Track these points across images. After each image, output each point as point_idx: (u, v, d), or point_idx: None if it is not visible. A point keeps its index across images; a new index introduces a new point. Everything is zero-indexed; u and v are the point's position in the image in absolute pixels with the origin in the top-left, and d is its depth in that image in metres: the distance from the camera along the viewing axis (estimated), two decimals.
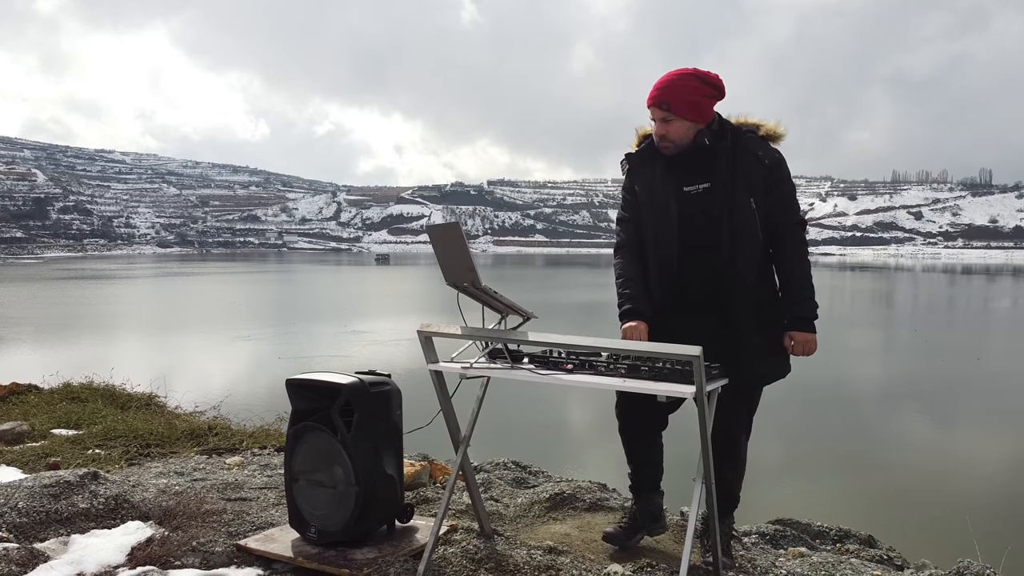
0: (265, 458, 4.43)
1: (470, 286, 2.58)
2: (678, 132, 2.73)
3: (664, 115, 2.72)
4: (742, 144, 2.75)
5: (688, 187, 2.75)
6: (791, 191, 2.84)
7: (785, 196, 2.80)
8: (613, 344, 2.42)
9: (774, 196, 2.76)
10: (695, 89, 2.71)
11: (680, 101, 2.70)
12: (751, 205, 2.71)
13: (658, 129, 2.76)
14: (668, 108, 2.70)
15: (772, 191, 2.76)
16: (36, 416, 5.45)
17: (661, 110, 2.72)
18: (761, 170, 2.73)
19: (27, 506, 3.08)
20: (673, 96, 2.70)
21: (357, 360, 17.32)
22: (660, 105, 2.71)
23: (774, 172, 2.76)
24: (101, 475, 3.45)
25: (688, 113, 2.71)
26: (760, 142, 2.79)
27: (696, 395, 2.27)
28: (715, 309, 2.74)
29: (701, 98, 2.72)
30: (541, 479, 4.31)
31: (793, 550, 3.42)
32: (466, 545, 2.93)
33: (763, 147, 2.77)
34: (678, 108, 2.70)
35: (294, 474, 2.97)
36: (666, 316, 2.82)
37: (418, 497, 3.69)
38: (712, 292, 2.74)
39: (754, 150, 2.75)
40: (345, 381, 2.86)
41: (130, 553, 2.85)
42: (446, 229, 2.53)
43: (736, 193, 2.70)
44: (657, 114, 2.74)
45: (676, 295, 2.80)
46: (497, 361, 2.70)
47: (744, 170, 2.72)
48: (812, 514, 4.35)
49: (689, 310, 2.78)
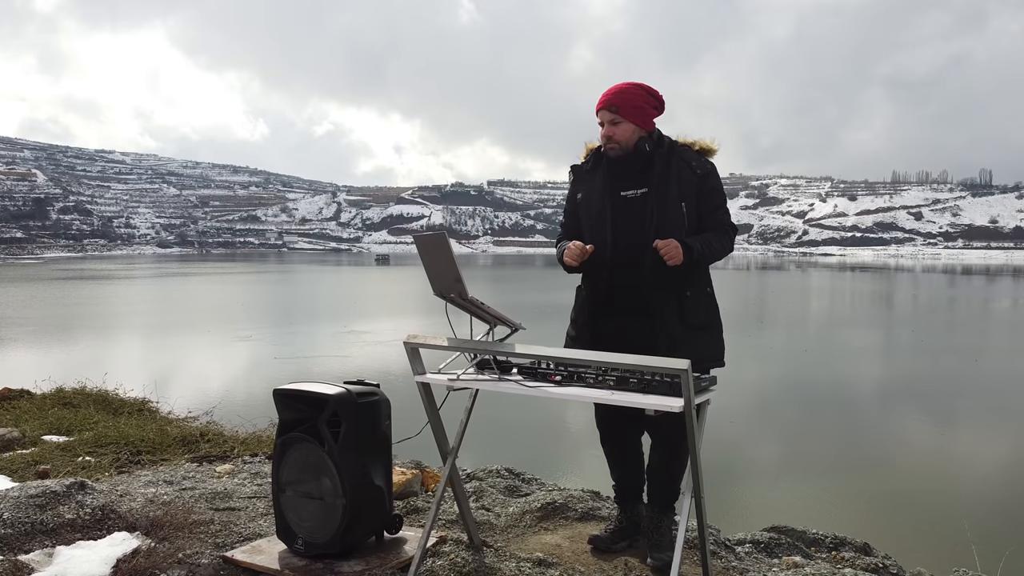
0: (256, 466, 4.40)
1: (457, 297, 2.55)
2: (624, 134, 2.92)
3: (613, 116, 2.92)
4: (678, 154, 2.95)
5: (625, 191, 2.94)
6: (723, 200, 3.03)
7: (717, 204, 2.98)
8: (601, 358, 2.39)
9: (708, 204, 2.95)
10: (641, 97, 2.95)
11: (628, 105, 2.92)
12: (681, 209, 2.88)
13: (606, 131, 2.95)
14: (617, 110, 2.91)
15: (705, 199, 2.94)
16: (27, 422, 5.42)
17: (610, 112, 2.92)
18: (694, 179, 2.92)
19: (12, 517, 3.04)
20: (622, 100, 2.92)
21: (355, 362, 17.30)
22: (610, 108, 2.92)
23: (706, 181, 2.94)
24: (88, 484, 3.42)
25: (634, 116, 2.92)
26: (694, 154, 2.98)
27: (685, 408, 2.24)
28: (642, 309, 2.88)
29: (646, 106, 2.96)
30: (534, 487, 4.28)
31: (788, 559, 3.39)
32: (454, 557, 2.90)
33: (696, 158, 2.97)
34: (626, 111, 2.91)
35: (281, 485, 2.94)
36: (595, 317, 2.98)
37: (409, 506, 3.65)
38: (637, 292, 2.88)
39: (688, 160, 2.94)
40: (332, 392, 2.84)
41: (115, 565, 2.82)
42: (432, 239, 2.51)
43: (668, 196, 2.88)
44: (606, 116, 2.93)
45: (607, 294, 2.94)
46: (485, 372, 2.67)
47: (677, 177, 2.90)
48: (807, 520, 4.32)
49: (619, 311, 2.93)
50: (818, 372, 17.12)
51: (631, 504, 3.20)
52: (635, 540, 3.18)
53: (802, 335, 24.48)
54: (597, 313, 2.99)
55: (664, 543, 3.01)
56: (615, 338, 2.86)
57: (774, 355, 19.30)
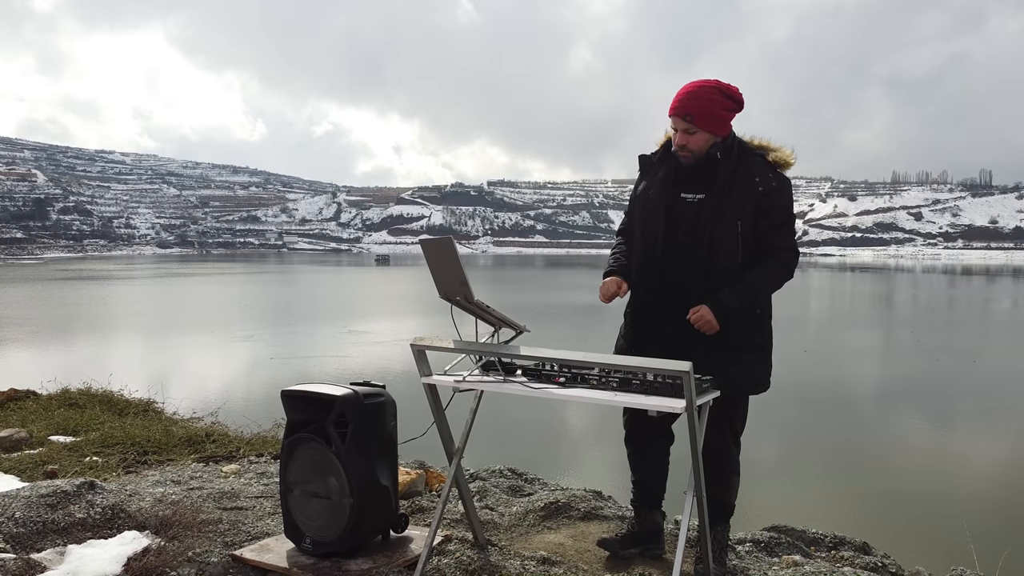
0: (262, 466, 4.45)
1: (463, 300, 2.60)
2: (698, 143, 2.78)
3: (687, 126, 2.76)
4: (746, 166, 2.79)
5: (686, 194, 2.81)
6: (787, 219, 2.86)
7: (778, 223, 2.82)
8: (604, 359, 2.44)
9: (768, 223, 2.79)
10: (718, 103, 2.77)
11: (703, 113, 2.75)
12: (736, 227, 2.74)
13: (679, 139, 2.80)
14: (692, 120, 2.75)
15: (766, 216, 2.78)
16: (34, 423, 5.46)
17: (685, 121, 2.76)
18: (755, 196, 2.76)
19: (24, 516, 3.09)
20: (697, 108, 2.75)
21: (353, 362, 17.34)
22: (684, 116, 2.76)
23: (769, 199, 2.77)
24: (98, 484, 3.46)
25: (710, 126, 2.77)
26: (764, 167, 2.81)
27: (686, 409, 2.28)
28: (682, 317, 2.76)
29: (723, 112, 2.79)
30: (537, 487, 4.32)
31: (787, 558, 3.43)
32: (460, 556, 2.95)
33: (763, 173, 2.79)
34: (701, 120, 2.75)
35: (289, 484, 2.99)
36: (642, 319, 2.90)
37: (413, 506, 3.70)
38: (684, 300, 2.76)
39: (755, 174, 2.78)
40: (339, 393, 2.88)
41: (126, 564, 2.87)
42: (439, 244, 2.56)
43: (724, 211, 2.74)
44: (680, 124, 2.78)
45: (654, 296, 2.86)
46: (490, 374, 2.71)
47: (739, 191, 2.75)
48: (807, 519, 4.36)
49: (664, 314, 2.83)
50: (818, 372, 17.15)
51: (647, 510, 3.11)
52: (648, 548, 3.11)
53: (802, 335, 24.49)
54: (641, 315, 2.91)
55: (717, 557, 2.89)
56: (657, 342, 2.78)
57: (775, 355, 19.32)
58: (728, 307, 2.71)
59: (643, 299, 2.89)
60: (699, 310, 2.70)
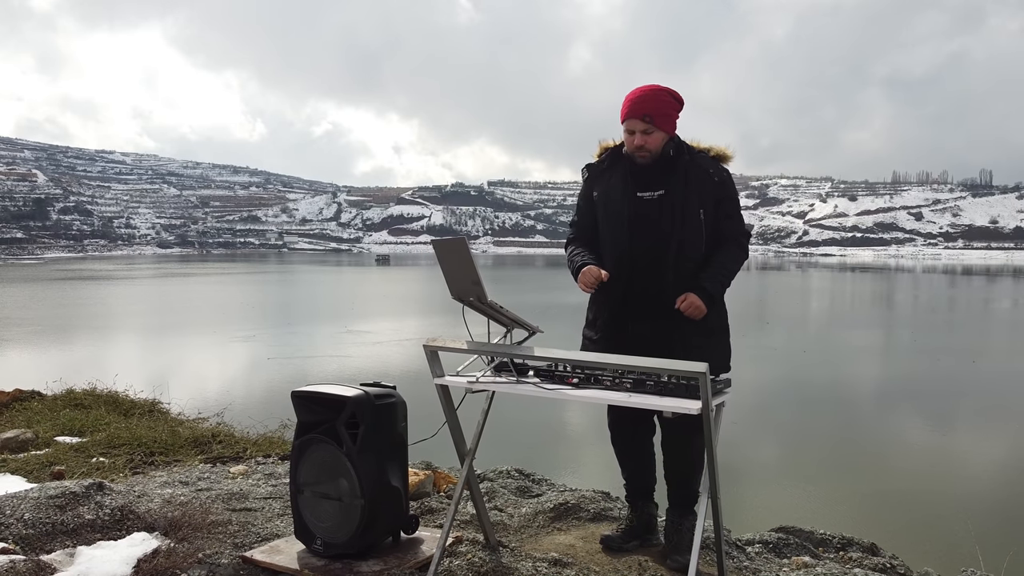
0: (269, 467, 4.44)
1: (476, 300, 2.59)
2: (656, 142, 2.91)
3: (646, 126, 2.89)
4: (696, 160, 2.96)
5: (642, 193, 2.94)
6: (738, 206, 3.07)
7: (734, 211, 3.03)
8: (619, 360, 2.43)
9: (723, 210, 2.98)
10: (670, 103, 2.94)
11: (660, 114, 2.91)
12: (700, 216, 2.91)
13: (638, 140, 2.91)
14: (651, 120, 2.89)
15: (721, 205, 2.97)
16: (40, 423, 5.45)
17: (644, 122, 2.89)
18: (711, 185, 2.94)
19: (33, 517, 3.08)
20: (655, 108, 2.89)
21: (353, 362, 17.33)
22: (643, 117, 2.89)
23: (723, 188, 2.97)
24: (106, 485, 3.46)
25: (665, 125, 2.92)
26: (710, 160, 3.00)
27: (702, 411, 2.27)
28: (659, 311, 2.90)
29: (674, 112, 2.96)
30: (544, 487, 4.31)
31: (797, 559, 3.42)
32: (471, 557, 2.94)
33: (714, 165, 2.99)
34: (659, 120, 2.90)
35: (299, 486, 2.98)
36: (614, 320, 2.99)
37: (422, 507, 3.69)
38: (657, 294, 2.89)
39: (707, 167, 2.96)
40: (350, 394, 2.87)
41: (136, 565, 2.86)
42: (452, 244, 2.55)
43: (688, 202, 2.90)
44: (638, 125, 2.90)
45: (624, 296, 2.95)
46: (502, 375, 2.70)
47: (697, 183, 2.92)
48: (814, 520, 4.35)
49: (636, 314, 2.94)
50: (820, 373, 17.15)
51: (641, 503, 3.22)
52: (646, 539, 3.20)
53: (802, 336, 24.50)
54: (614, 315, 2.99)
55: (684, 546, 2.99)
56: (631, 341, 2.89)
57: (776, 356, 19.33)
58: (712, 292, 2.88)
59: (615, 299, 2.97)
60: (687, 297, 2.85)
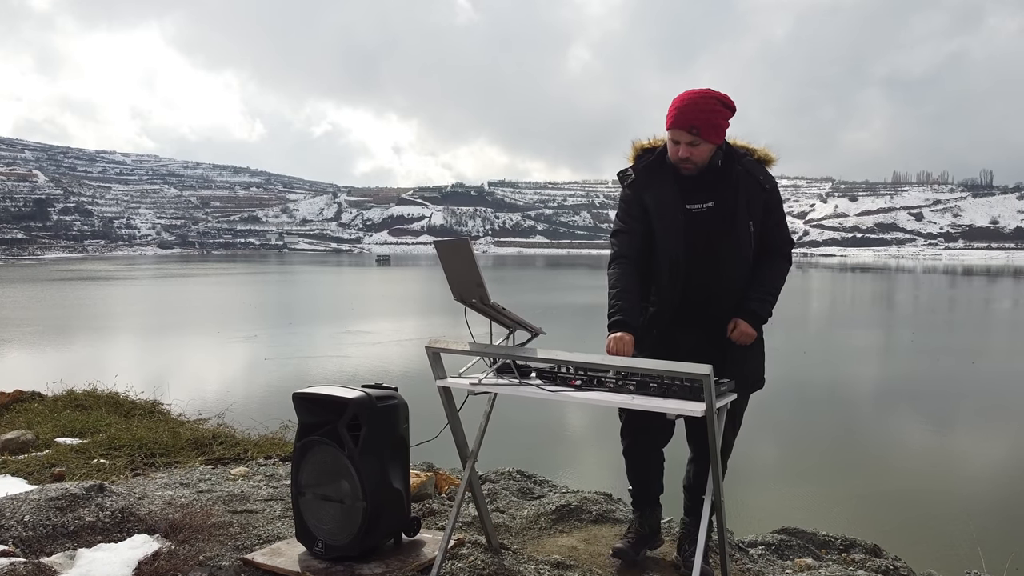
0: (270, 468, 4.43)
1: (478, 302, 2.58)
2: (702, 155, 2.76)
3: (692, 139, 2.72)
4: (744, 167, 2.82)
5: (691, 205, 2.81)
6: (783, 215, 2.98)
7: (781, 219, 2.94)
8: (622, 362, 2.42)
9: (772, 219, 2.88)
10: (719, 113, 2.75)
11: (708, 125, 2.72)
12: (749, 228, 2.80)
13: (683, 151, 2.75)
14: (698, 132, 2.71)
15: (770, 215, 2.87)
16: (40, 425, 5.44)
17: (690, 133, 2.72)
18: (762, 194, 2.82)
19: (34, 519, 3.07)
20: (701, 120, 2.71)
21: (353, 363, 17.32)
22: (689, 129, 2.71)
23: (773, 196, 2.86)
24: (107, 487, 3.44)
25: (714, 136, 2.75)
26: (759, 166, 2.87)
27: (706, 413, 2.26)
28: (706, 320, 2.85)
29: (723, 121, 2.77)
30: (546, 489, 4.31)
31: (800, 561, 3.41)
32: (473, 560, 2.93)
33: (763, 172, 2.86)
34: (706, 132, 2.72)
35: (301, 488, 2.96)
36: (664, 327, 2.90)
37: (424, 509, 3.68)
38: (705, 304, 2.84)
39: (756, 174, 2.82)
40: (352, 396, 2.86)
41: (137, 568, 2.85)
42: (455, 245, 2.54)
43: (738, 215, 2.78)
44: (684, 137, 2.73)
45: (675, 306, 2.86)
46: (505, 376, 2.69)
47: (747, 193, 2.79)
48: (816, 522, 4.34)
49: (683, 321, 2.87)
50: (821, 373, 17.14)
51: (650, 510, 3.14)
52: (654, 545, 3.16)
53: (802, 336, 24.47)
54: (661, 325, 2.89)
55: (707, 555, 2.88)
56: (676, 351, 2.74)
57: (777, 356, 19.29)
58: (762, 315, 2.84)
59: (666, 312, 2.87)
60: (737, 325, 2.81)
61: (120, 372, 8.11)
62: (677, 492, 3.24)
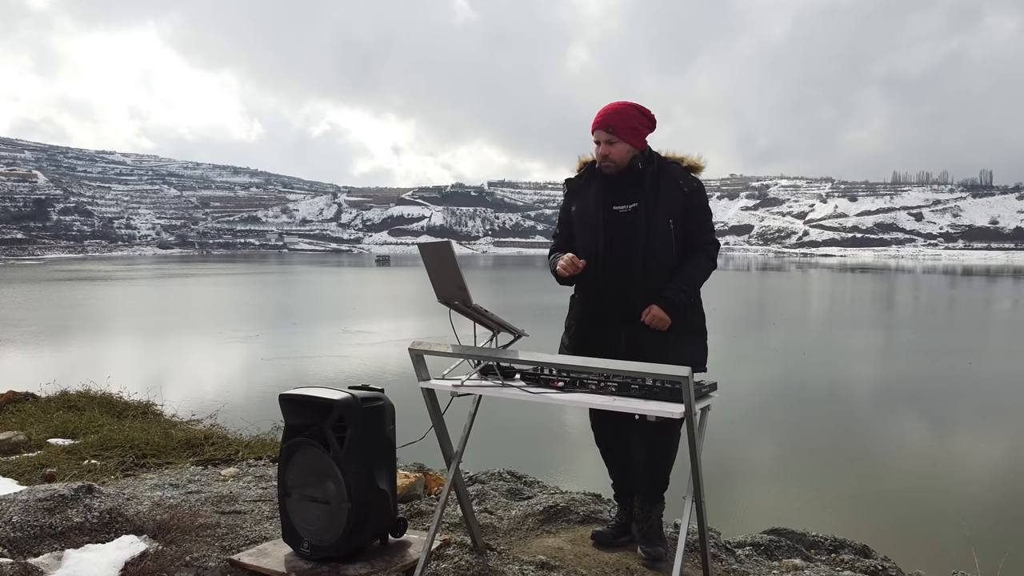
0: (260, 469, 4.44)
1: (461, 304, 2.59)
2: (619, 153, 3.06)
3: (609, 137, 3.05)
4: (666, 171, 3.09)
5: (617, 206, 3.08)
6: (708, 216, 3.18)
7: (702, 220, 3.14)
8: (603, 364, 2.43)
9: (693, 220, 3.09)
10: (635, 117, 3.08)
11: (624, 126, 3.05)
12: (669, 225, 3.04)
13: (602, 150, 3.08)
14: (613, 131, 3.05)
15: (691, 215, 3.09)
16: (33, 425, 5.45)
17: (607, 132, 3.05)
18: (681, 196, 3.06)
19: (21, 520, 3.08)
20: (618, 121, 3.05)
21: (349, 363, 17.33)
22: (606, 128, 3.05)
23: (693, 198, 3.09)
24: (96, 488, 3.45)
25: (629, 137, 3.06)
26: (682, 171, 3.12)
27: (685, 414, 2.27)
28: (630, 317, 3.01)
29: (640, 126, 3.10)
30: (535, 489, 4.32)
31: (787, 562, 3.42)
32: (458, 560, 2.94)
33: (684, 176, 3.11)
34: (622, 132, 3.05)
35: (287, 489, 2.98)
36: (588, 325, 3.14)
37: (412, 510, 3.69)
38: (628, 301, 3.02)
39: (676, 178, 3.08)
40: (338, 397, 2.88)
41: (124, 568, 2.86)
42: (438, 248, 2.55)
43: (657, 213, 3.03)
44: (603, 136, 3.07)
45: (598, 303, 3.10)
46: (489, 378, 2.70)
47: (666, 194, 3.05)
48: (806, 522, 4.35)
49: (608, 318, 3.08)
50: (818, 374, 17.15)
51: (628, 500, 3.32)
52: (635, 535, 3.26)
53: (802, 336, 24.50)
54: (590, 321, 3.14)
55: (653, 535, 3.14)
56: (603, 343, 3.03)
57: (776, 357, 19.33)
58: (675, 302, 3.00)
59: (590, 305, 3.12)
60: (651, 310, 2.98)
61: (115, 373, 8.12)
62: (676, 492, 3.26)
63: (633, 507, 3.28)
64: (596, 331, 3.11)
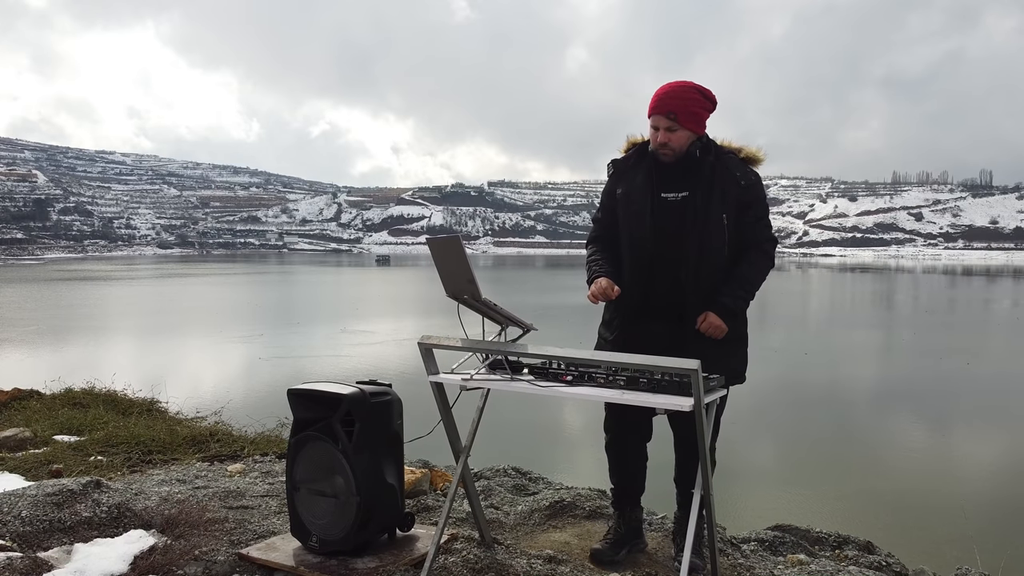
0: (267, 465, 4.45)
1: (470, 298, 2.60)
2: (680, 141, 2.83)
3: (670, 124, 2.81)
4: (723, 162, 2.88)
5: (666, 194, 2.87)
6: (765, 212, 2.99)
7: (759, 216, 2.95)
8: (612, 358, 2.44)
9: (749, 215, 2.91)
10: (697, 102, 2.84)
11: (685, 111, 2.81)
12: (723, 220, 2.83)
13: (661, 136, 2.84)
14: (675, 118, 2.81)
15: (747, 210, 2.90)
16: (38, 422, 5.47)
17: (668, 119, 2.81)
18: (737, 190, 2.86)
19: (30, 515, 3.09)
20: (679, 106, 2.81)
21: (348, 362, 17.34)
22: (667, 114, 2.81)
23: (749, 192, 2.89)
24: (104, 483, 3.47)
25: (691, 123, 2.83)
26: (740, 163, 2.92)
27: (694, 407, 2.28)
28: (676, 313, 2.85)
29: (702, 110, 2.86)
30: (541, 485, 4.33)
31: (792, 557, 3.44)
32: (466, 554, 2.95)
33: (742, 168, 2.91)
34: (684, 118, 2.81)
35: (295, 483, 2.99)
36: (630, 320, 2.94)
37: (419, 505, 3.71)
38: (675, 297, 2.85)
39: (733, 170, 2.88)
40: (346, 391, 2.89)
41: (133, 562, 2.87)
42: (447, 242, 2.56)
43: (711, 206, 2.82)
44: (662, 122, 2.82)
45: (643, 297, 2.90)
46: (497, 372, 2.71)
47: (722, 186, 2.84)
48: (811, 519, 4.36)
49: (653, 313, 2.89)
50: (820, 374, 17.16)
51: (630, 508, 3.16)
52: (634, 545, 3.15)
53: (803, 337, 24.50)
54: (631, 315, 2.93)
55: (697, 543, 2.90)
56: (647, 341, 2.80)
57: (776, 357, 19.33)
58: (733, 309, 2.83)
59: (633, 299, 2.91)
60: (707, 317, 2.80)
61: (118, 371, 8.14)
62: (669, 489, 3.27)
63: (632, 517, 3.14)
64: (636, 326, 2.91)
